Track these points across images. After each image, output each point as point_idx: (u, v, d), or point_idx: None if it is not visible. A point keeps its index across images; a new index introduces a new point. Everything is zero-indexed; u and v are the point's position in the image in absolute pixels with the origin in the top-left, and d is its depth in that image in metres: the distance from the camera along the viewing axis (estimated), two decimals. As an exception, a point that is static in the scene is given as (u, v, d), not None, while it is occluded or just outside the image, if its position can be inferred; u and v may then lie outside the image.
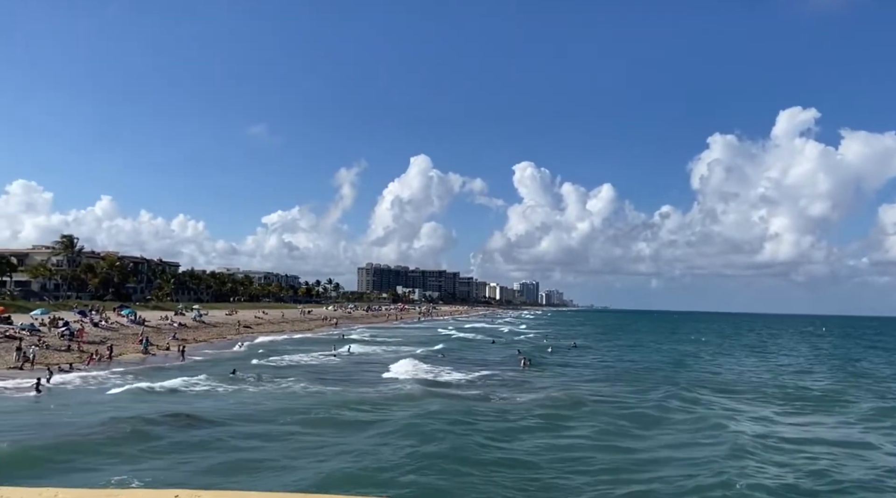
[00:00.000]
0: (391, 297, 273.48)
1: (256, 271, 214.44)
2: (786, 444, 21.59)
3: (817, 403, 31.63)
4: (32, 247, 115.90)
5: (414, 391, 31.88)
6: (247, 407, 26.63)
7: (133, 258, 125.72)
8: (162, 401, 27.50)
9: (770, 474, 17.43)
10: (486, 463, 17.88)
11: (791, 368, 51.53)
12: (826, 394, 34.98)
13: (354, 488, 14.54)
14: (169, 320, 71.36)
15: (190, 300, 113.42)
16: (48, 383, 31.46)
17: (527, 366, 46.85)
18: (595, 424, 23.87)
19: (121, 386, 31.46)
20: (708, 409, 28.31)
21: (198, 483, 14.35)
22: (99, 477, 14.89)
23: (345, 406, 26.51)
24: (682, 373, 45.27)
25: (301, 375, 38.15)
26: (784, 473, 17.74)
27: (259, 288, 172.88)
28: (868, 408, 30.20)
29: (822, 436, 23.35)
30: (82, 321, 57.06)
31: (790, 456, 19.82)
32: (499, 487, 15.83)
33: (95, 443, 18.93)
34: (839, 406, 30.84)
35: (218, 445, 19.51)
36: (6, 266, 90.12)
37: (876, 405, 31.08)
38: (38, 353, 39.89)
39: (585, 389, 34.95)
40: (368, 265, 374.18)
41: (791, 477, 17.33)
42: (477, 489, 15.56)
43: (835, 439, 22.64)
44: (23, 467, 15.82)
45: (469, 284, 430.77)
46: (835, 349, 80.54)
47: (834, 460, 19.33)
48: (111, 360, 43.56)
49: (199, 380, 33.74)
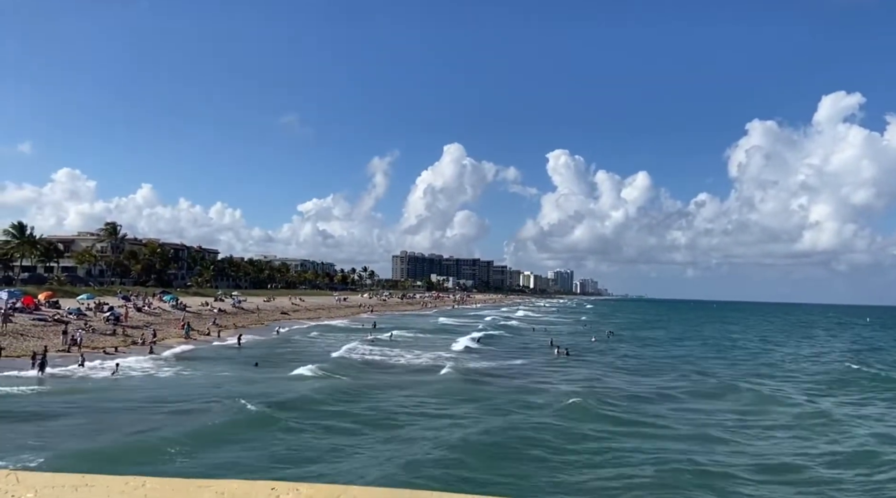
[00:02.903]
0: (425, 284, 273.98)
1: (293, 259, 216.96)
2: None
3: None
4: (78, 234, 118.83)
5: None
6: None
7: (174, 245, 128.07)
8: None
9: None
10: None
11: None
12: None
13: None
14: (209, 306, 72.41)
15: (229, 287, 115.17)
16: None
17: (562, 354, 46.31)
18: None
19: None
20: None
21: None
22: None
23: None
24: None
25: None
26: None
27: (295, 275, 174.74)
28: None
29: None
30: (126, 306, 58.20)
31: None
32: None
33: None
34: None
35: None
36: (53, 252, 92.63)
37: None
38: (84, 336, 40.64)
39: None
40: (403, 253, 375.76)
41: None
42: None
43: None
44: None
45: (503, 272, 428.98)
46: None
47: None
48: (154, 343, 44.20)
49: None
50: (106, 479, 6.49)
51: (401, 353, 45.72)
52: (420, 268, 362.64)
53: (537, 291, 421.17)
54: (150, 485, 6.12)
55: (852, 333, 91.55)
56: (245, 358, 39.78)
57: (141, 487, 6.08)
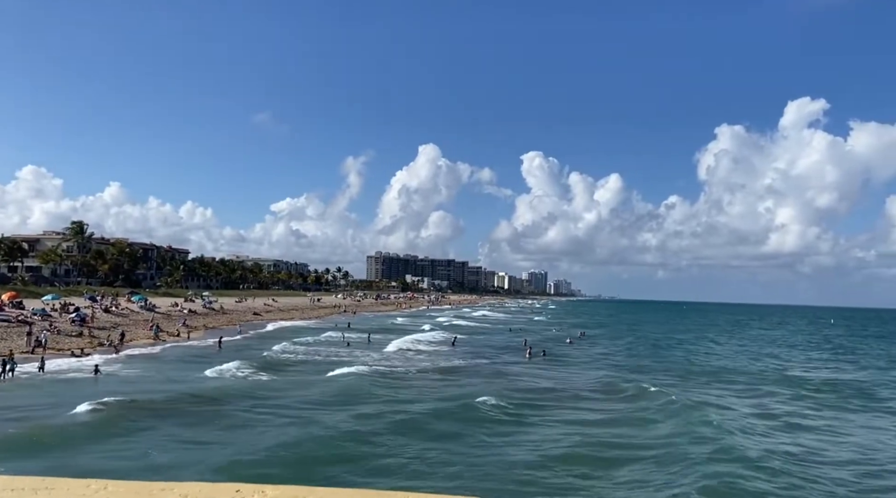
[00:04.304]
0: (400, 285, 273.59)
1: (265, 259, 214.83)
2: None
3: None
4: (43, 232, 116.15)
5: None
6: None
7: (143, 245, 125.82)
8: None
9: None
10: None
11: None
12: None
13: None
14: (179, 307, 71.38)
15: (199, 287, 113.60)
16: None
17: (531, 356, 46.64)
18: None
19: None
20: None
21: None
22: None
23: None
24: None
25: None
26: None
27: (268, 276, 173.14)
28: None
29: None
30: (93, 307, 57.07)
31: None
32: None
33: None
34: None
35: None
36: (17, 252, 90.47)
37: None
38: (49, 338, 39.80)
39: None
40: (377, 253, 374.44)
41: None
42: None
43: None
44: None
45: (478, 273, 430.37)
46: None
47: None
48: (122, 345, 43.43)
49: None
50: (67, 482, 6.46)
51: (335, 352, 45.60)
52: (395, 268, 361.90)
53: (511, 291, 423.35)
54: (112, 488, 6.11)
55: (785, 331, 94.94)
56: (196, 358, 39.60)
57: (102, 490, 6.06)
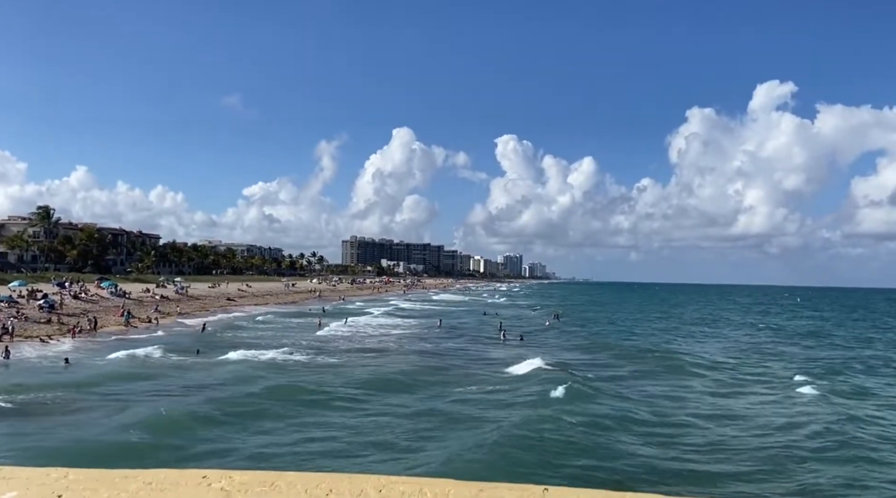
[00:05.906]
0: (376, 270, 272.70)
1: (238, 244, 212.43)
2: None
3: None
4: (8, 218, 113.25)
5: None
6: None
7: (112, 230, 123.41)
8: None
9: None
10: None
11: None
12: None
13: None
14: (151, 293, 70.46)
15: (171, 273, 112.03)
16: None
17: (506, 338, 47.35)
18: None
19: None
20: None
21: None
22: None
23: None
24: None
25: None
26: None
27: (242, 261, 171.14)
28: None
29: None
30: (61, 293, 56.04)
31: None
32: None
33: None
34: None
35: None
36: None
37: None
38: (16, 325, 39.10)
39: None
40: (353, 238, 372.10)
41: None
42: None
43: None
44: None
45: (454, 257, 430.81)
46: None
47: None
48: (95, 332, 42.87)
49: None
50: (26, 470, 6.45)
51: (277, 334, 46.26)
52: (370, 253, 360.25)
53: (487, 275, 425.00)
54: (73, 476, 6.08)
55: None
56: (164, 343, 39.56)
57: (63, 478, 6.02)
